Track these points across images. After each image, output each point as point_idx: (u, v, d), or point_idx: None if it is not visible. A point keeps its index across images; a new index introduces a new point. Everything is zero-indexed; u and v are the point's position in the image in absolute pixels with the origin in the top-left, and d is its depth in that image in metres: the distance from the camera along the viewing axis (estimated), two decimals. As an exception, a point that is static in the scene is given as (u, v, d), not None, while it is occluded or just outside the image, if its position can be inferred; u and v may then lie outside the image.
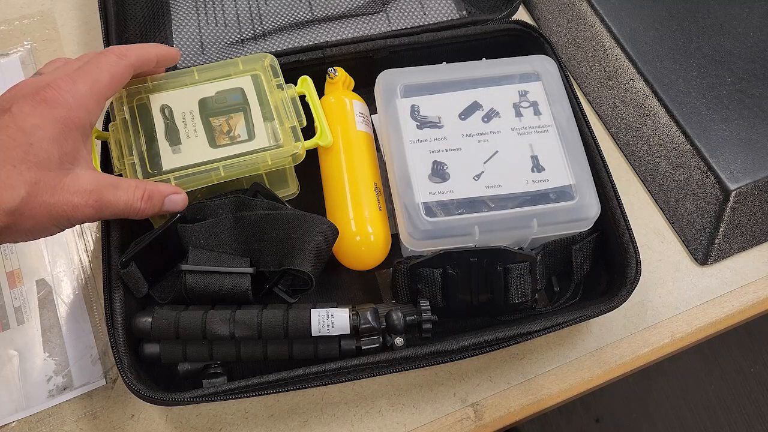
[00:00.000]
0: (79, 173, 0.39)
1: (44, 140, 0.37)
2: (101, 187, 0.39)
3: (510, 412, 0.50)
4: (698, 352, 1.32)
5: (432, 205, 0.48)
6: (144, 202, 0.42)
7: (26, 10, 0.66)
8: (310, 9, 0.62)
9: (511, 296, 0.48)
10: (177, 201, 0.44)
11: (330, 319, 0.44)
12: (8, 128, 0.36)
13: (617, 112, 0.62)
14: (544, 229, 0.48)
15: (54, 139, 0.37)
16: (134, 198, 0.41)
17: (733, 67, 0.61)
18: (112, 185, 0.40)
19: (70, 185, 0.38)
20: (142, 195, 0.42)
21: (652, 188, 0.59)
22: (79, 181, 0.38)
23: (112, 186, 0.40)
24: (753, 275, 0.56)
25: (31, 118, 0.37)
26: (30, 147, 0.36)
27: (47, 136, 0.37)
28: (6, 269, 0.51)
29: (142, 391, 0.42)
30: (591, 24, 0.65)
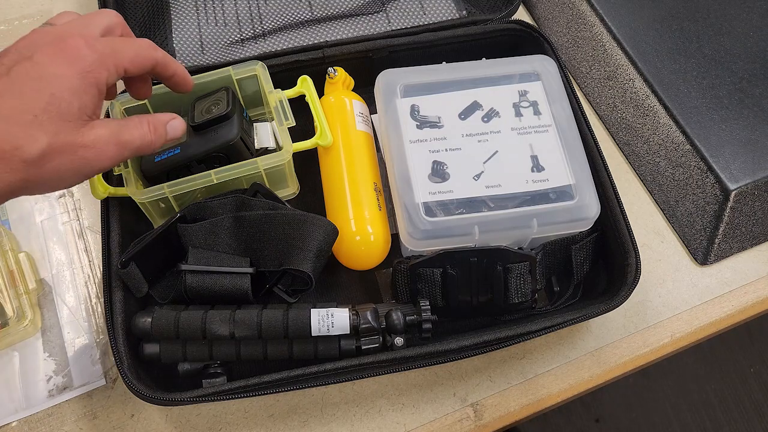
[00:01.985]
0: (95, 123, 0.39)
1: (65, 90, 0.37)
2: (117, 129, 0.40)
3: (510, 412, 0.50)
4: (698, 352, 1.31)
5: (432, 205, 0.48)
6: (152, 134, 0.42)
7: (26, 10, 0.66)
8: (309, 9, 0.62)
9: (511, 296, 0.48)
10: (177, 126, 0.44)
11: (330, 319, 0.44)
12: (30, 76, 0.36)
13: (617, 112, 0.62)
14: (544, 229, 0.48)
15: (74, 91, 0.37)
16: (145, 131, 0.41)
17: (733, 67, 0.61)
18: (123, 125, 0.41)
19: (89, 133, 0.38)
20: (149, 127, 0.42)
21: (652, 188, 0.59)
22: (96, 129, 0.39)
23: (124, 126, 0.41)
24: (753, 275, 0.56)
25: (52, 67, 0.37)
26: (51, 97, 0.36)
27: (68, 87, 0.37)
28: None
29: (142, 391, 0.42)
30: (591, 24, 0.65)
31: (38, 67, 0.36)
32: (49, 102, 0.36)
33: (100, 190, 0.49)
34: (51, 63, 0.36)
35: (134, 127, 0.41)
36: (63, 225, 0.56)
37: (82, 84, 0.37)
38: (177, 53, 0.59)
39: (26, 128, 0.35)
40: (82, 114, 0.38)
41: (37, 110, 0.35)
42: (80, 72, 0.37)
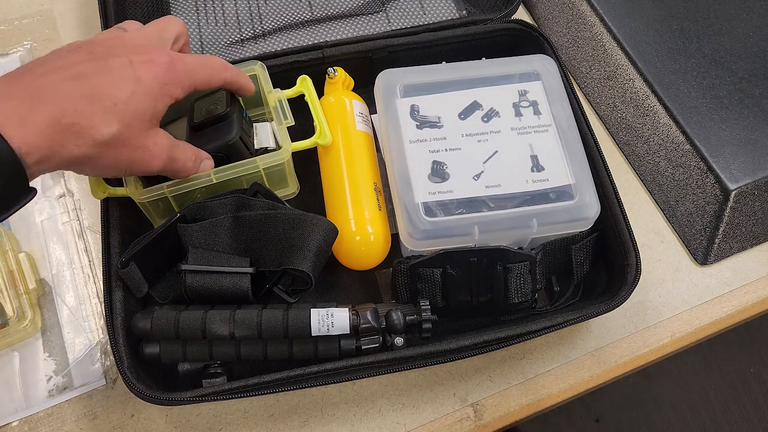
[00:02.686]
0: (158, 131, 0.43)
1: (147, 94, 0.40)
2: (173, 145, 0.44)
3: (510, 412, 0.50)
4: (698, 352, 1.31)
5: (432, 205, 0.48)
6: (191, 163, 0.46)
7: (26, 10, 0.66)
8: (309, 9, 0.62)
9: (511, 296, 0.48)
10: (207, 166, 0.47)
11: (330, 318, 0.44)
12: (126, 71, 0.40)
13: (617, 112, 0.62)
14: (543, 229, 0.48)
15: (154, 97, 0.41)
16: (188, 157, 0.45)
17: (733, 67, 0.61)
18: (177, 145, 0.45)
19: (153, 136, 0.42)
20: (192, 156, 0.46)
21: (652, 188, 0.59)
22: (159, 136, 0.43)
23: (177, 146, 0.45)
24: (753, 275, 0.56)
25: (145, 71, 0.41)
26: (134, 94, 0.39)
27: (151, 92, 0.41)
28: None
29: (142, 391, 0.42)
30: (591, 24, 0.65)
31: (129, 67, 0.40)
32: (130, 97, 0.39)
33: (99, 191, 0.49)
34: (140, 67, 0.40)
35: (183, 150, 0.45)
36: (63, 225, 0.56)
37: (161, 93, 0.41)
38: (177, 53, 0.59)
39: (105, 112, 0.38)
40: (153, 119, 0.42)
41: (119, 100, 0.39)
42: (163, 83, 0.41)
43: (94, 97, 0.38)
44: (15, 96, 0.36)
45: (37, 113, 0.35)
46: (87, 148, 0.38)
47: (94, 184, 0.49)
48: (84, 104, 0.37)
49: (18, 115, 0.34)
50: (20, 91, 0.36)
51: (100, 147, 0.38)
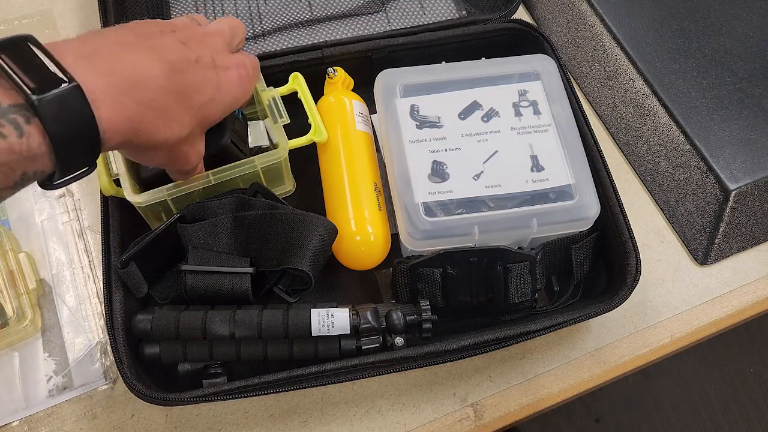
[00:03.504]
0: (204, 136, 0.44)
1: (221, 103, 0.41)
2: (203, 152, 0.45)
3: (510, 412, 0.50)
4: (698, 352, 1.31)
5: (432, 204, 0.48)
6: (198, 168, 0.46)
7: (26, 10, 0.66)
8: (309, 8, 0.62)
9: (511, 296, 0.48)
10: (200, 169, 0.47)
11: (330, 319, 0.44)
12: (211, 76, 0.40)
13: (617, 112, 0.62)
14: (543, 229, 0.48)
15: (224, 107, 0.42)
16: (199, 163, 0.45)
17: (733, 67, 0.61)
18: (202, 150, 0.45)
19: (198, 144, 0.43)
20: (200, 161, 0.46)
21: (652, 188, 0.59)
22: (202, 143, 0.44)
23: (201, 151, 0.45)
24: (753, 275, 0.56)
25: (226, 80, 0.41)
26: (211, 102, 0.40)
27: (224, 102, 0.42)
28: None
29: (142, 391, 0.42)
30: (591, 24, 0.65)
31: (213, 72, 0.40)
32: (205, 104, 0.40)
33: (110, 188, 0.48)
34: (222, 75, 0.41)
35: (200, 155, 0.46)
36: (63, 225, 0.56)
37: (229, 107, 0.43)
38: (177, 53, 0.59)
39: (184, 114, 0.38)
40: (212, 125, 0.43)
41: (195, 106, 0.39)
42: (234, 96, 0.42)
43: (180, 96, 0.37)
44: (113, 72, 0.34)
45: (129, 99, 0.34)
46: (155, 143, 0.37)
47: (105, 181, 0.48)
48: (170, 101, 0.37)
49: (112, 96, 0.33)
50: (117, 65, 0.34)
51: (165, 143, 0.38)
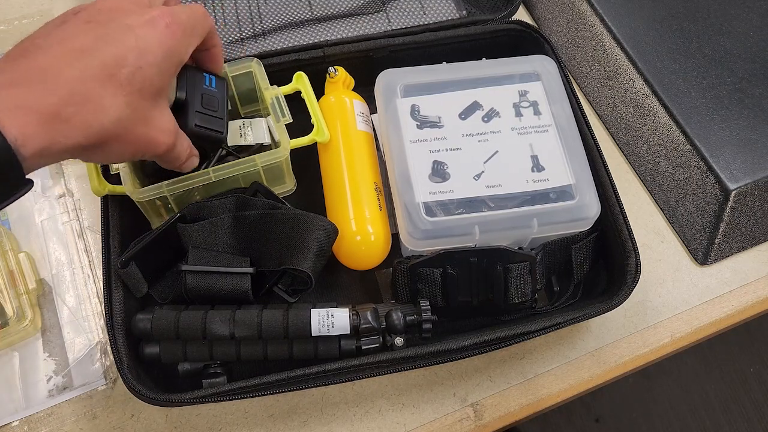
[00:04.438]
0: (163, 109, 0.38)
1: (152, 66, 0.36)
2: (175, 129, 0.40)
3: (510, 412, 0.50)
4: (698, 352, 1.31)
5: (432, 204, 0.48)
6: (186, 155, 0.42)
7: (26, 10, 0.66)
8: (309, 8, 0.62)
9: (511, 296, 0.48)
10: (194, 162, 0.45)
11: (330, 319, 0.44)
12: (124, 43, 0.35)
13: (617, 112, 0.62)
14: (544, 229, 0.48)
15: (159, 68, 0.36)
16: (185, 149, 0.42)
17: (733, 67, 0.61)
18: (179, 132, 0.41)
19: (157, 120, 0.38)
20: (187, 148, 0.42)
21: (652, 188, 0.59)
22: (163, 118, 0.38)
23: (179, 133, 0.41)
24: (753, 275, 0.56)
25: (145, 40, 0.35)
26: (138, 70, 0.35)
27: (155, 63, 0.36)
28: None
29: (141, 392, 0.42)
30: (591, 24, 0.65)
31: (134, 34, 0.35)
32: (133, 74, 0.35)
33: (100, 188, 0.48)
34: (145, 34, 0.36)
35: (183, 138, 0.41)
36: (63, 225, 0.55)
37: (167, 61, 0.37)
38: (177, 53, 0.59)
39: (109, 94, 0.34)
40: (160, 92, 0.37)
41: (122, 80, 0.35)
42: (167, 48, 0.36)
43: (96, 77, 0.34)
44: (15, 81, 0.32)
45: (36, 100, 0.32)
46: (92, 136, 0.34)
47: (95, 182, 0.48)
48: (87, 87, 0.34)
49: (16, 103, 0.31)
50: (20, 75, 0.33)
51: (104, 135, 0.35)
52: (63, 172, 0.58)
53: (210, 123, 0.44)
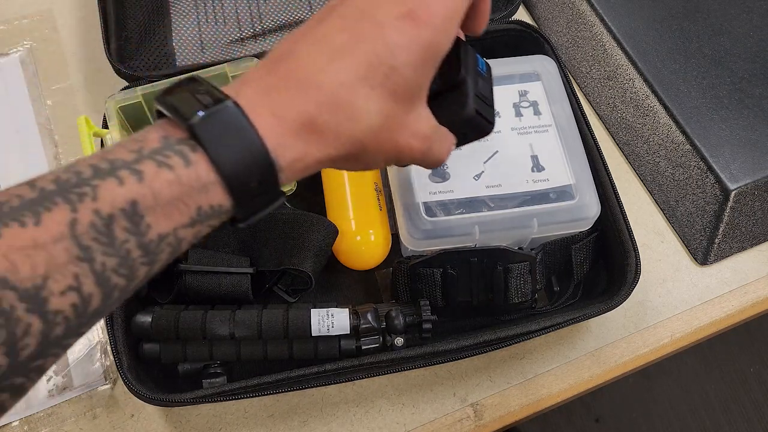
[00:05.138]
0: (421, 112, 0.34)
1: (407, 66, 0.32)
2: (434, 135, 0.36)
3: (510, 412, 0.50)
4: (698, 352, 1.32)
5: (432, 204, 0.48)
6: (447, 154, 0.37)
7: (26, 10, 0.66)
8: (309, 8, 0.62)
9: (511, 296, 0.48)
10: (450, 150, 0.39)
11: (330, 319, 0.44)
12: (374, 41, 0.31)
13: (617, 112, 0.62)
14: (544, 229, 0.48)
15: (414, 67, 0.32)
16: (445, 147, 0.37)
17: (733, 67, 0.61)
18: (441, 136, 0.36)
19: (413, 125, 0.34)
20: (449, 149, 0.38)
21: (651, 188, 0.59)
22: (420, 123, 0.34)
23: (440, 137, 0.36)
24: (753, 275, 0.56)
25: (397, 35, 0.31)
26: (392, 71, 0.31)
27: (410, 62, 0.32)
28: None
29: (141, 392, 0.42)
30: (591, 24, 0.65)
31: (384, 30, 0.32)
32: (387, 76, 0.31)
33: None
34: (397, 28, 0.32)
35: (443, 142, 0.36)
36: (63, 225, 0.55)
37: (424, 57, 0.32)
38: (177, 52, 0.59)
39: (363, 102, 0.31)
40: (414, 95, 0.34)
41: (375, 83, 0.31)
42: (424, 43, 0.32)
43: (347, 83, 0.31)
44: (273, 87, 0.30)
45: (293, 108, 0.30)
46: (343, 146, 0.32)
47: None
48: (339, 93, 0.31)
49: (273, 111, 0.30)
50: (279, 80, 0.31)
51: (359, 144, 0.32)
52: (63, 172, 0.58)
53: (485, 111, 0.38)
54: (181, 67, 0.57)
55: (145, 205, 0.26)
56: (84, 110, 0.61)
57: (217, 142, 0.28)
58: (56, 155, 0.59)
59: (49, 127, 0.60)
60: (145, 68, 0.57)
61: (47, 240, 0.24)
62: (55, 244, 0.24)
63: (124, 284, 0.26)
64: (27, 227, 0.24)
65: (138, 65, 0.58)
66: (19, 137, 0.59)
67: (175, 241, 0.28)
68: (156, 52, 0.59)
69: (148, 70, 0.57)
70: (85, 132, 0.47)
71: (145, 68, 0.57)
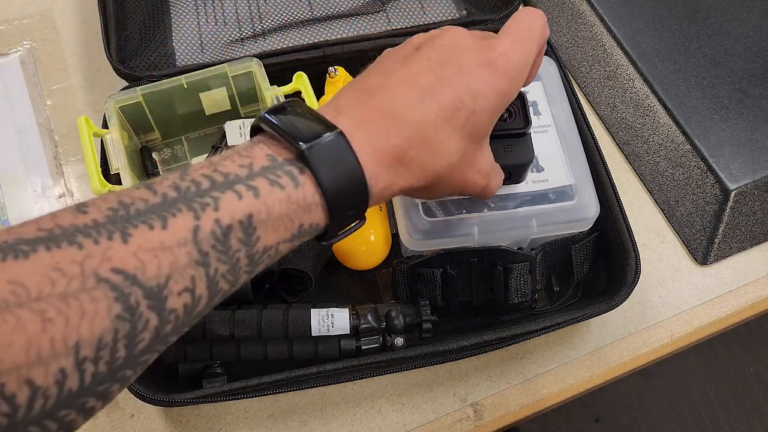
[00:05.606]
0: (485, 150, 0.38)
1: (484, 111, 0.35)
2: (492, 171, 0.39)
3: (510, 412, 0.50)
4: (698, 352, 1.32)
5: (432, 204, 0.48)
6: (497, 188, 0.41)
7: (26, 9, 0.66)
8: (309, 8, 0.62)
9: (510, 296, 0.48)
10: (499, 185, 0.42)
11: (330, 319, 0.44)
12: (458, 86, 0.34)
13: (617, 112, 0.62)
14: (543, 229, 0.48)
15: (490, 112, 0.36)
16: (497, 182, 0.41)
17: (733, 67, 0.61)
18: (497, 172, 0.40)
19: (479, 162, 0.37)
20: (500, 180, 0.41)
21: (651, 188, 0.59)
22: (483, 159, 0.38)
23: (497, 173, 0.40)
24: (753, 275, 0.56)
25: (480, 82, 0.35)
26: (472, 114, 0.34)
27: (487, 107, 0.35)
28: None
29: (141, 392, 0.42)
30: (591, 24, 0.65)
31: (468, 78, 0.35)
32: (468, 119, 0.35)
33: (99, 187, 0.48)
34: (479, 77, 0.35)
35: (495, 177, 0.40)
36: (63, 225, 0.55)
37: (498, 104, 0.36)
38: (177, 52, 0.59)
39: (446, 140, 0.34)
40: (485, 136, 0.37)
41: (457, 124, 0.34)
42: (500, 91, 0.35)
43: (434, 122, 0.34)
44: (368, 119, 0.33)
45: (386, 142, 0.32)
46: (424, 179, 0.34)
47: (96, 181, 0.48)
48: (426, 131, 0.33)
49: (369, 141, 0.32)
50: (373, 112, 0.33)
51: (436, 177, 0.35)
52: (63, 172, 0.58)
53: None
54: (181, 67, 0.57)
55: (259, 219, 0.28)
56: (84, 110, 0.61)
57: (324, 167, 0.30)
58: (56, 155, 0.59)
59: (49, 127, 0.60)
60: (145, 68, 0.58)
61: (173, 243, 0.26)
62: (179, 248, 0.26)
63: (227, 289, 0.28)
64: (155, 230, 0.26)
65: (138, 65, 0.58)
66: (19, 137, 0.59)
67: (275, 253, 0.30)
68: (156, 52, 0.59)
69: (148, 70, 0.57)
70: (85, 132, 0.47)
71: (145, 68, 0.58)
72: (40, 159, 0.58)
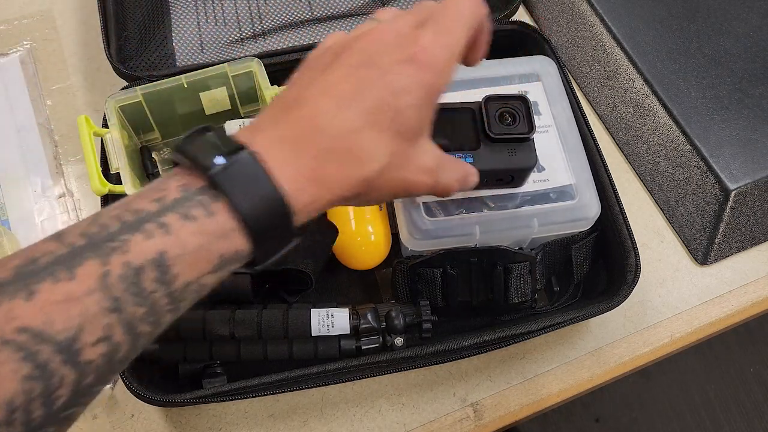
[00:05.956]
0: (424, 146, 0.36)
1: (410, 108, 0.34)
2: (439, 166, 0.37)
3: (510, 412, 0.50)
4: (698, 352, 1.32)
5: (432, 204, 0.48)
6: (458, 184, 0.39)
7: (26, 9, 0.66)
8: (309, 8, 0.62)
9: (511, 296, 0.48)
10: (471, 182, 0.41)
11: (330, 319, 0.44)
12: (378, 87, 0.33)
13: (617, 111, 0.62)
14: (544, 229, 0.48)
15: (417, 108, 0.34)
16: (454, 179, 0.39)
17: (733, 67, 0.61)
18: (444, 165, 0.38)
19: (416, 160, 0.36)
20: (458, 177, 0.39)
21: (651, 188, 0.59)
22: (424, 157, 0.36)
23: (444, 166, 0.38)
24: (753, 275, 0.56)
25: (400, 79, 0.33)
26: (397, 113, 0.33)
27: (412, 104, 0.34)
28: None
29: (141, 392, 0.42)
30: (591, 24, 0.65)
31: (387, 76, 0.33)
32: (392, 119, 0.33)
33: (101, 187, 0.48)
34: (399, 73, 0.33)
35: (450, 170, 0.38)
36: (63, 225, 0.55)
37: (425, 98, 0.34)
38: (177, 52, 0.59)
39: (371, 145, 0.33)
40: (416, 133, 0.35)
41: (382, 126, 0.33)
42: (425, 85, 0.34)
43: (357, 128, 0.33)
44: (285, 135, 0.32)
45: (305, 155, 0.31)
46: (353, 188, 0.33)
47: (96, 181, 0.48)
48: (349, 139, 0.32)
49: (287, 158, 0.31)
50: (290, 127, 0.32)
51: (366, 184, 0.34)
52: (63, 172, 0.58)
53: None
54: (181, 67, 0.57)
55: (173, 255, 0.27)
56: (84, 110, 0.61)
57: (237, 191, 0.29)
58: (56, 155, 0.59)
59: (49, 127, 0.60)
60: (145, 68, 0.58)
61: (81, 293, 0.25)
62: (88, 297, 0.25)
63: (150, 331, 0.28)
64: (61, 282, 0.25)
65: (138, 65, 0.58)
66: (19, 137, 0.59)
67: (198, 287, 0.29)
68: (156, 52, 0.59)
69: (148, 70, 0.57)
70: (85, 132, 0.47)
71: (145, 68, 0.58)
72: (40, 159, 0.58)
